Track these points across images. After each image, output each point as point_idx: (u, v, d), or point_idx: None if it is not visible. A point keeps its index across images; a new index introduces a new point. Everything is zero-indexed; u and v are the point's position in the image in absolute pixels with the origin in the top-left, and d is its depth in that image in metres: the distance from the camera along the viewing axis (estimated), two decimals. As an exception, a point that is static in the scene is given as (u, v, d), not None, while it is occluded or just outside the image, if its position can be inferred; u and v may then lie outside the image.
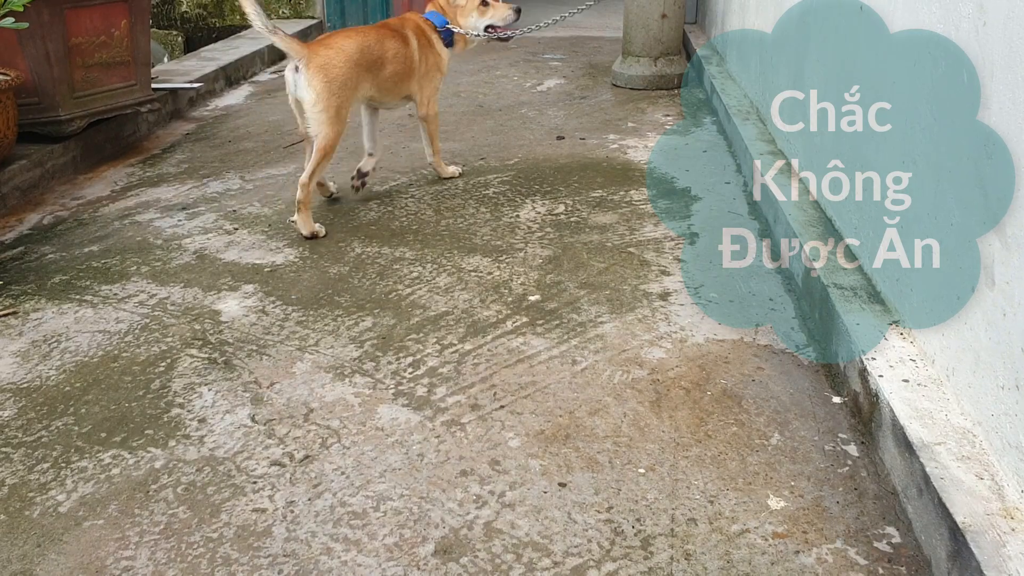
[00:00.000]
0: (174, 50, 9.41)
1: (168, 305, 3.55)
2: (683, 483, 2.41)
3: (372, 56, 4.26)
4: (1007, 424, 2.10)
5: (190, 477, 2.52)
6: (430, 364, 3.05)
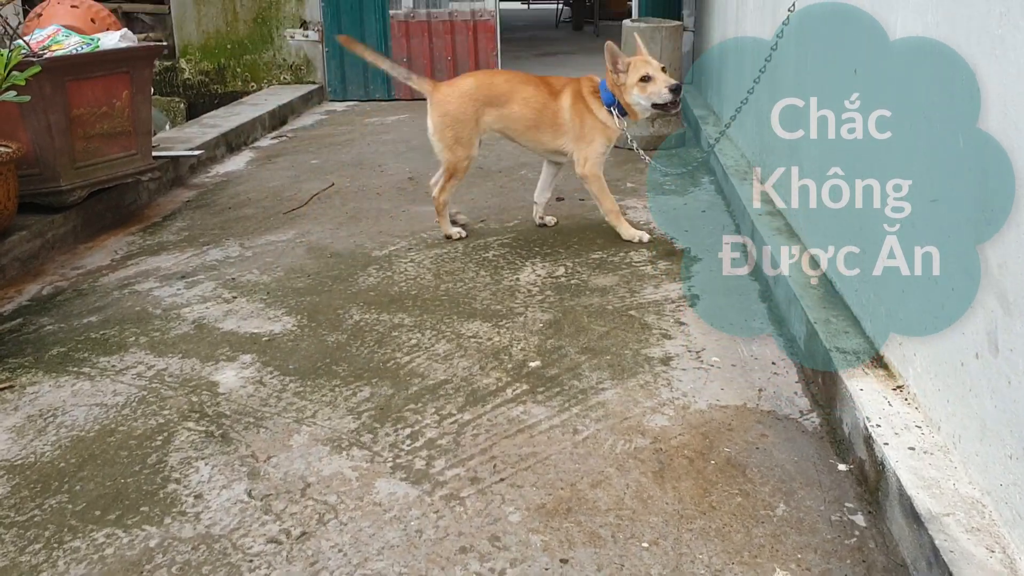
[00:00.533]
0: (176, 116, 9.52)
1: (166, 377, 3.52)
2: (687, 557, 2.36)
3: (492, 92, 4.81)
4: (1016, 495, 2.06)
5: (185, 556, 2.47)
6: (428, 435, 3.02)
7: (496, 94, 4.79)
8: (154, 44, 6.02)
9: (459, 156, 4.82)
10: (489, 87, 4.81)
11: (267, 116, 8.46)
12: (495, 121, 4.80)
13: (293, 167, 7.02)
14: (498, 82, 4.85)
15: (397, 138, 7.94)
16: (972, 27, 2.34)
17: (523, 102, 4.76)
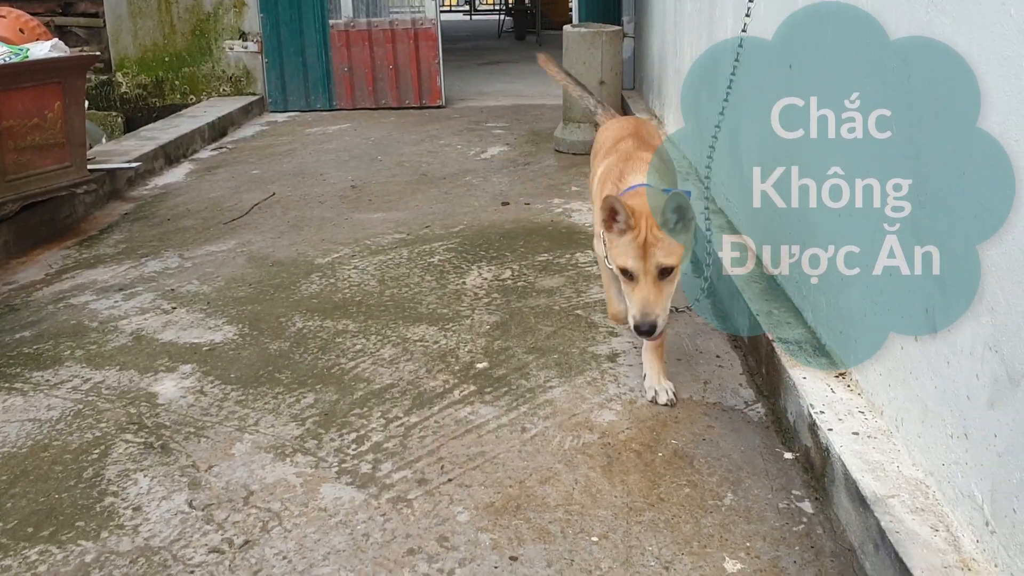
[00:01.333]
0: (114, 131, 9.32)
1: (103, 389, 3.42)
2: (637, 550, 2.34)
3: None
4: (958, 473, 2.08)
5: (123, 570, 2.38)
6: (375, 439, 2.97)
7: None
8: (87, 54, 5.91)
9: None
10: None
11: (207, 128, 8.32)
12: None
13: (233, 178, 6.91)
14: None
15: (339, 147, 7.87)
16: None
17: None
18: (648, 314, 2.67)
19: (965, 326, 2.03)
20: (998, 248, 1.89)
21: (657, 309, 2.68)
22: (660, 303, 2.69)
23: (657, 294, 2.69)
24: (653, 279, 2.68)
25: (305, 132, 8.70)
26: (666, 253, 2.67)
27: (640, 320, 2.69)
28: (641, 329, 2.70)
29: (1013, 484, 1.83)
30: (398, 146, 7.82)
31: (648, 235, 2.67)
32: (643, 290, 2.69)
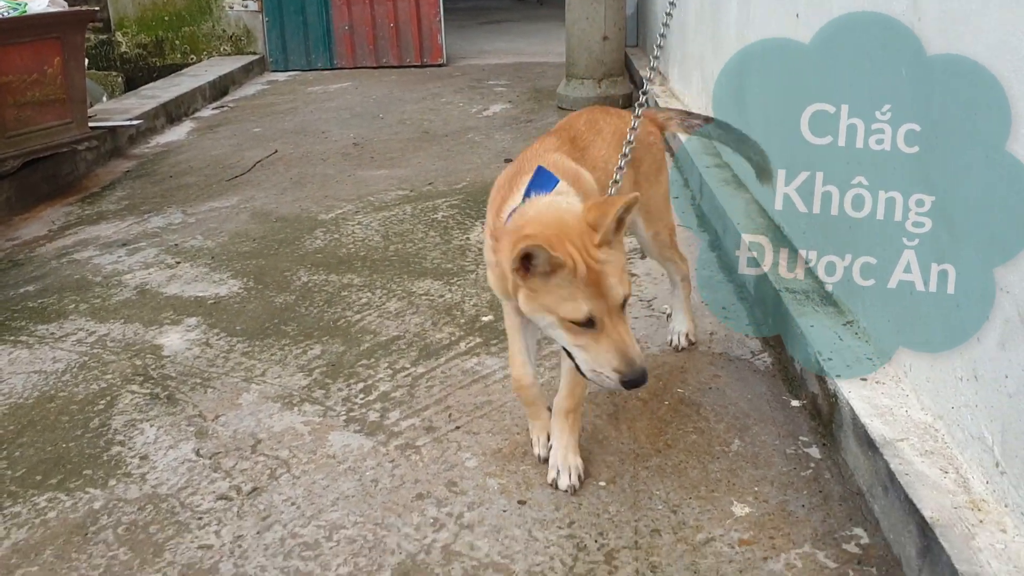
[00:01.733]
0: (114, 90, 9.25)
1: (108, 342, 3.42)
2: (645, 494, 2.35)
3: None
4: (968, 416, 2.07)
5: (131, 516, 2.39)
6: (382, 389, 2.97)
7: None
8: (85, 9, 5.82)
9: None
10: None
11: (207, 87, 8.26)
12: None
13: (235, 136, 6.87)
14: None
15: (341, 105, 7.81)
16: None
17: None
18: (633, 359, 1.95)
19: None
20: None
21: (636, 347, 2.00)
22: (634, 343, 2.00)
23: (628, 331, 2.00)
24: (620, 316, 1.98)
25: (306, 91, 8.63)
26: (620, 278, 1.98)
27: (630, 371, 1.95)
28: (634, 381, 1.96)
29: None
30: (400, 104, 7.76)
31: (589, 262, 1.95)
32: (614, 334, 1.96)
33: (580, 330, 1.97)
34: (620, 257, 2.02)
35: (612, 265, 1.97)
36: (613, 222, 1.96)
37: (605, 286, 1.94)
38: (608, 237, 1.97)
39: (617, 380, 1.96)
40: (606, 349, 1.96)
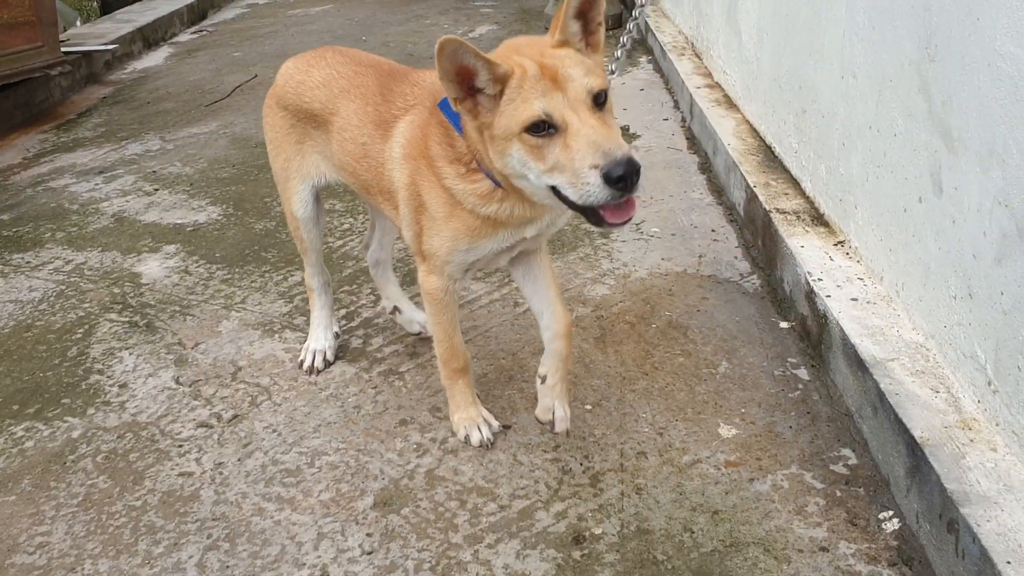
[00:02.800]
0: (88, 14, 8.99)
1: (85, 270, 3.35)
2: (631, 417, 2.31)
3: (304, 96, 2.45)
4: (961, 335, 2.03)
5: (110, 445, 2.35)
6: (365, 315, 2.91)
7: (312, 101, 2.32)
8: (53, -73, 5.59)
9: (285, 210, 2.56)
10: (299, 85, 2.36)
11: (185, 10, 8.03)
12: (322, 158, 2.38)
13: (214, 60, 6.69)
14: (315, 76, 2.33)
15: (322, 28, 7.61)
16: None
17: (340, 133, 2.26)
18: (614, 148, 1.60)
19: (973, 182, 1.95)
20: (1012, 97, 1.79)
21: (618, 139, 1.66)
22: (619, 137, 1.67)
23: (609, 127, 1.69)
24: (589, 109, 1.67)
25: (287, 14, 8.40)
26: (587, 71, 1.70)
27: (608, 161, 1.58)
28: (615, 173, 1.58)
29: (1019, 341, 1.78)
30: (383, 26, 7.56)
31: (544, 61, 1.70)
32: (584, 126, 1.64)
33: (547, 144, 1.66)
34: (586, 59, 1.73)
35: (572, 60, 1.70)
36: (568, 16, 1.73)
37: (562, 77, 1.66)
38: (565, 35, 1.74)
39: (600, 180, 1.59)
40: (577, 149, 1.62)
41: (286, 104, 2.36)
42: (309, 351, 2.63)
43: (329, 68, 2.31)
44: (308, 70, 2.34)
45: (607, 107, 1.73)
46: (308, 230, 2.51)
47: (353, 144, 2.21)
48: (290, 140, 2.39)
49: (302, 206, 2.45)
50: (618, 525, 1.95)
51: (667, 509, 1.99)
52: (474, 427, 2.25)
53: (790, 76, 3.25)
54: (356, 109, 2.20)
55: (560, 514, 2.00)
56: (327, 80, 2.29)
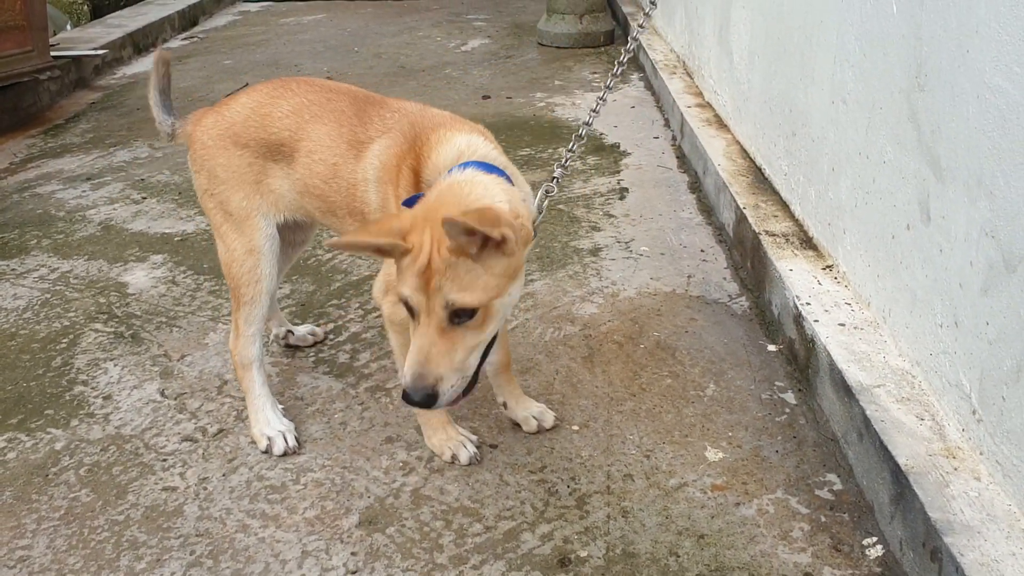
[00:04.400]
0: (80, 19, 8.96)
1: (71, 279, 3.33)
2: (618, 438, 2.31)
3: (268, 129, 2.37)
4: (946, 363, 2.04)
5: (94, 458, 2.34)
6: (353, 330, 2.91)
7: (280, 131, 2.26)
8: (46, -69, 5.58)
9: (233, 250, 2.34)
10: (265, 117, 2.27)
11: (176, 16, 8.02)
12: (283, 192, 2.30)
13: (205, 68, 6.68)
14: (284, 106, 2.27)
15: (314, 38, 7.61)
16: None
17: (309, 156, 2.23)
18: (422, 376, 1.72)
19: (961, 212, 1.97)
20: (1000, 130, 1.81)
21: (441, 367, 1.72)
22: (448, 359, 1.73)
23: (444, 346, 1.73)
24: (439, 323, 1.73)
25: (279, 22, 8.40)
26: (461, 287, 1.72)
27: (410, 381, 1.72)
28: (411, 397, 1.72)
29: (1003, 371, 1.79)
30: (375, 37, 7.57)
31: (434, 257, 1.71)
32: (422, 338, 1.74)
33: (411, 321, 1.79)
34: (474, 268, 1.72)
35: (457, 271, 1.71)
36: (466, 232, 1.64)
37: (432, 285, 1.70)
38: (456, 245, 1.68)
39: (403, 385, 1.75)
40: (411, 348, 1.76)
41: (245, 141, 2.25)
42: (273, 433, 2.33)
43: (299, 96, 2.26)
44: (274, 101, 2.27)
45: (478, 319, 1.74)
46: (269, 265, 2.31)
47: (323, 165, 2.17)
48: (248, 178, 2.27)
49: (267, 240, 2.29)
50: (604, 548, 1.95)
51: (653, 533, 1.99)
52: (460, 447, 2.25)
53: (781, 98, 3.27)
54: (329, 131, 2.18)
55: (546, 536, 1.99)
56: (298, 108, 2.24)
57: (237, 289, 2.33)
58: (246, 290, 2.32)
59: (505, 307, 1.81)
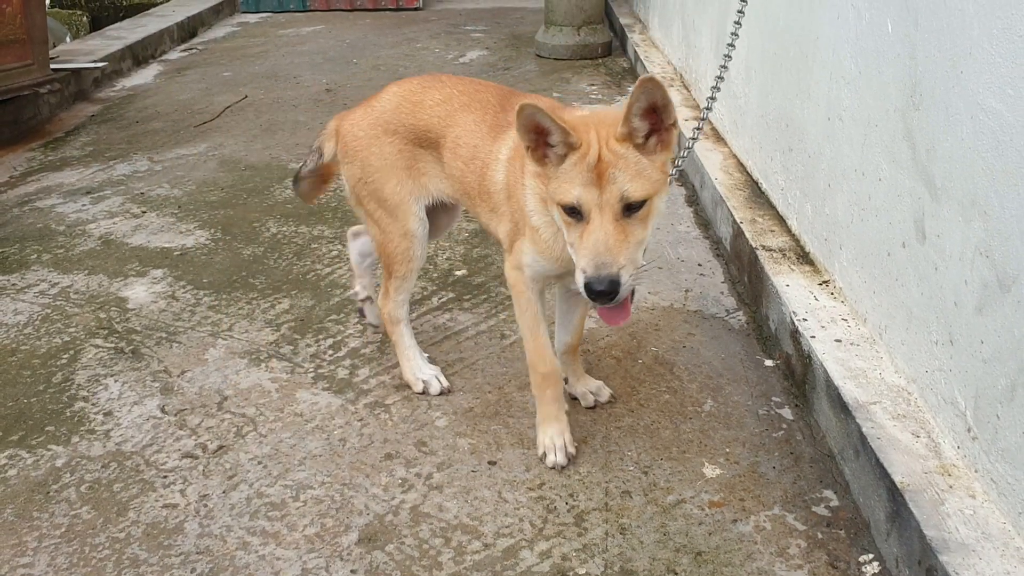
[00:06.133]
0: (79, 30, 8.99)
1: (71, 294, 3.34)
2: (616, 455, 2.33)
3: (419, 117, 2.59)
4: (942, 380, 2.06)
5: (95, 474, 2.35)
6: (352, 345, 2.92)
7: (430, 119, 2.43)
8: (46, -54, 5.60)
9: (389, 233, 2.52)
10: (415, 106, 2.46)
11: (176, 28, 8.05)
12: (432, 175, 2.47)
13: (204, 80, 6.71)
14: (434, 96, 2.45)
15: (313, 49, 7.64)
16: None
17: (455, 141, 2.39)
18: (606, 264, 1.76)
19: (956, 231, 1.98)
20: (994, 151, 1.82)
21: (621, 256, 1.78)
22: (625, 249, 1.80)
23: (620, 236, 1.80)
24: (614, 215, 1.80)
25: (278, 33, 8.43)
26: (632, 176, 1.81)
27: (593, 273, 1.77)
28: (595, 288, 1.77)
29: (998, 390, 1.81)
30: (374, 49, 7.60)
31: (603, 151, 1.81)
32: (598, 230, 1.79)
33: (574, 224, 1.86)
34: (641, 160, 1.83)
35: (629, 162, 1.82)
36: (631, 114, 1.79)
37: (607, 177, 1.80)
38: (628, 128, 1.81)
39: (582, 282, 1.80)
40: (587, 244, 1.81)
41: (395, 128, 2.45)
42: (427, 376, 2.62)
43: (448, 88, 2.46)
44: (425, 91, 2.47)
45: (643, 213, 1.85)
46: (421, 247, 2.52)
47: (465, 148, 2.35)
48: (399, 164, 2.46)
49: (419, 224, 2.50)
50: (602, 565, 1.96)
51: (651, 549, 2.00)
52: (553, 451, 2.29)
53: (777, 114, 3.29)
54: (475, 119, 2.36)
55: (544, 553, 2.00)
56: (447, 98, 2.43)
57: (391, 266, 2.56)
58: (399, 267, 2.55)
59: (660, 209, 1.92)
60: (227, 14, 9.36)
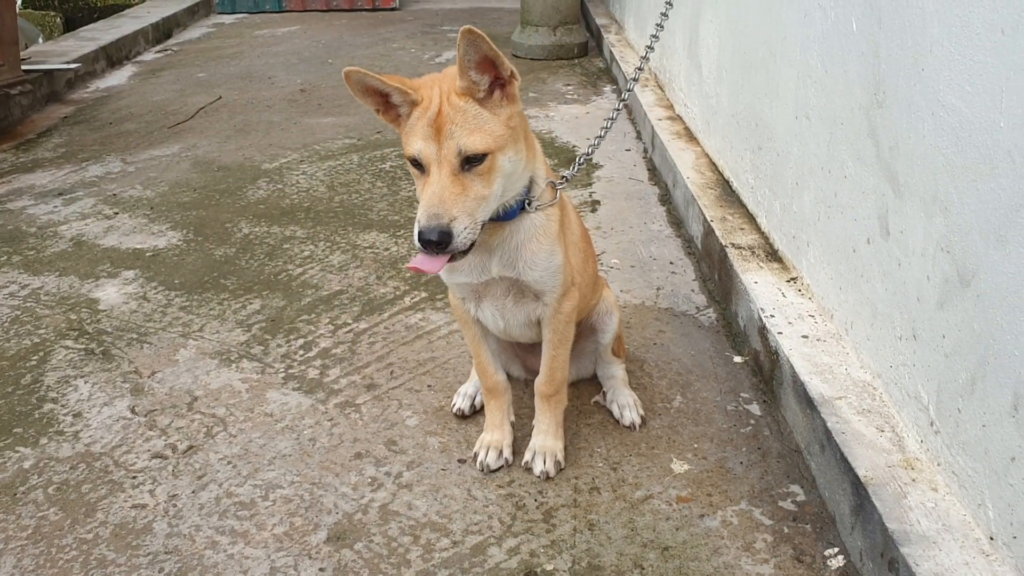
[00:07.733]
0: (52, 31, 8.93)
1: (41, 295, 3.32)
2: (585, 451, 2.34)
3: None
4: (906, 375, 2.08)
5: (63, 476, 2.33)
6: (323, 345, 2.91)
7: None
8: (16, -55, 5.56)
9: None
10: None
11: (150, 29, 8.00)
12: None
13: (178, 81, 6.67)
14: None
15: (288, 50, 7.62)
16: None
17: None
18: (438, 215, 1.77)
19: (918, 227, 2.01)
20: (954, 147, 1.85)
21: (454, 209, 1.79)
22: (462, 202, 1.81)
23: (456, 189, 1.81)
24: (451, 169, 1.81)
25: (253, 34, 8.40)
26: (471, 130, 1.82)
27: (425, 223, 1.77)
28: (426, 236, 1.78)
29: (959, 384, 1.83)
30: (350, 49, 7.59)
31: (444, 106, 1.82)
32: (435, 183, 1.80)
33: (419, 177, 1.87)
34: (482, 113, 1.84)
35: (467, 115, 1.82)
36: (465, 67, 1.79)
37: (444, 132, 1.81)
38: (467, 82, 1.81)
39: (416, 231, 1.80)
40: (421, 198, 1.83)
41: None
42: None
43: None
44: None
45: (485, 167, 1.85)
46: None
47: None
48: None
49: None
50: (570, 561, 1.97)
51: (618, 545, 2.01)
52: (484, 449, 2.30)
53: (747, 113, 3.32)
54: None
55: (513, 550, 2.01)
56: None
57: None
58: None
59: (507, 168, 1.90)
60: (203, 15, 9.32)
